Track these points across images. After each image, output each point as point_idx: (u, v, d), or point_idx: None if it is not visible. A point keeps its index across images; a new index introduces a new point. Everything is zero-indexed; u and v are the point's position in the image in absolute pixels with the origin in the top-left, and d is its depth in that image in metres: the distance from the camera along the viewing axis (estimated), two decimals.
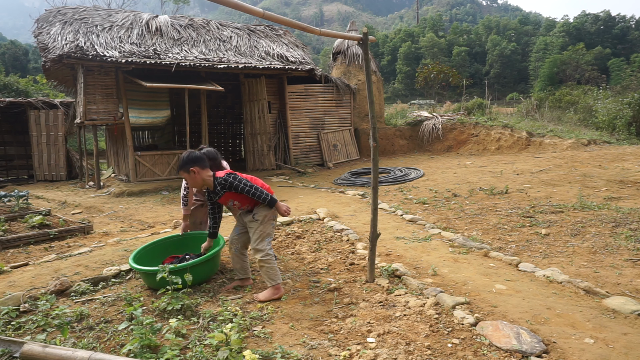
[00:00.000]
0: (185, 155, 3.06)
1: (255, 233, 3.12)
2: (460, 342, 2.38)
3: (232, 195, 3.11)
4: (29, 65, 40.70)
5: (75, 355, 2.14)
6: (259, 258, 3.08)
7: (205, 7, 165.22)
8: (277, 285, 3.09)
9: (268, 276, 3.08)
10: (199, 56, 10.29)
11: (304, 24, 2.92)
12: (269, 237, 3.15)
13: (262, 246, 3.09)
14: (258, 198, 3.06)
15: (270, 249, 3.13)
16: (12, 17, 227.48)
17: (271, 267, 3.07)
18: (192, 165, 3.02)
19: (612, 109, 13.28)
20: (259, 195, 3.06)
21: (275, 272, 3.09)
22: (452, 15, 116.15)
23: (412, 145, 14.04)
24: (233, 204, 3.18)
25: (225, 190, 3.09)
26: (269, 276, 3.08)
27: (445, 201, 6.43)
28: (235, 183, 3.04)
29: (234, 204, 3.18)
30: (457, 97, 31.87)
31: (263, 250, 3.08)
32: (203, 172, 3.05)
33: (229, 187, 3.06)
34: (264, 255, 3.07)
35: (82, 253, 4.40)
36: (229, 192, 3.09)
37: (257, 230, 3.12)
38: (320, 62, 53.25)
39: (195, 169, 3.03)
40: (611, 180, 6.71)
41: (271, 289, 3.08)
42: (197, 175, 3.04)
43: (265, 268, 3.07)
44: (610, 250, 3.91)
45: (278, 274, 3.11)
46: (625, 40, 52.72)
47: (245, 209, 3.22)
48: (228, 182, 3.05)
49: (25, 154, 13.52)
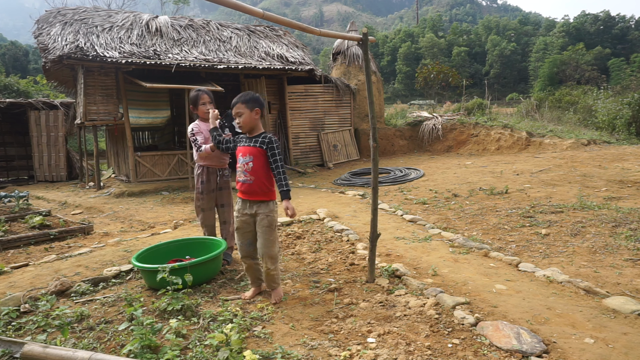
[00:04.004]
0: (252, 94, 2.94)
1: (269, 239, 2.94)
2: (460, 342, 2.39)
3: (259, 153, 2.87)
4: (29, 66, 40.75)
5: (76, 356, 2.14)
6: (271, 267, 2.95)
7: (205, 7, 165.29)
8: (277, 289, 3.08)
9: (274, 280, 3.02)
10: (199, 57, 10.30)
11: (304, 25, 2.92)
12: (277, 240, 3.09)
13: (275, 252, 2.97)
14: (280, 178, 2.85)
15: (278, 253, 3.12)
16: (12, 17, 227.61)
17: (279, 272, 3.07)
18: (259, 106, 2.92)
19: (612, 109, 13.28)
20: (283, 177, 2.86)
21: (279, 274, 3.10)
22: (452, 16, 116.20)
23: (412, 145, 14.04)
24: (247, 162, 2.88)
25: (262, 146, 2.87)
26: (274, 280, 3.03)
27: (445, 201, 6.43)
28: (276, 148, 2.88)
29: (248, 164, 2.88)
30: (457, 97, 31.85)
31: (275, 258, 2.97)
32: (261, 119, 2.98)
33: (268, 143, 2.86)
34: (276, 261, 2.99)
35: (83, 253, 4.40)
36: (262, 149, 2.87)
37: (271, 236, 2.95)
38: (320, 63, 53.28)
39: (259, 110, 2.93)
40: (611, 180, 6.72)
41: (278, 290, 3.06)
42: (257, 116, 2.92)
43: (275, 276, 3.01)
44: (610, 250, 3.91)
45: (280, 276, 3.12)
46: (625, 40, 52.75)
47: (246, 179, 2.90)
48: (273, 141, 2.87)
49: (26, 154, 13.53)
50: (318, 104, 12.52)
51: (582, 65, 41.63)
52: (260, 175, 2.89)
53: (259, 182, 2.89)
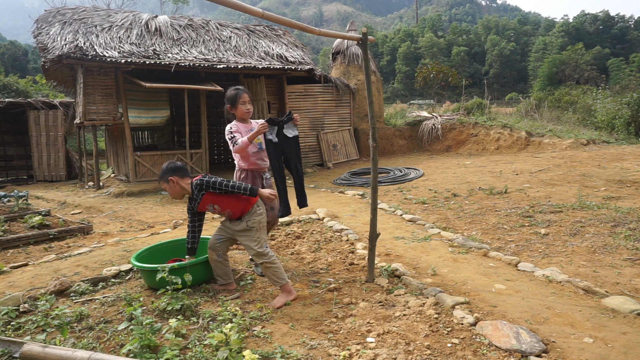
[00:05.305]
0: (164, 166, 3.05)
1: (253, 241, 3.05)
2: (459, 341, 2.39)
3: (211, 197, 3.03)
4: (29, 66, 40.71)
5: (75, 356, 2.14)
6: (263, 262, 3.02)
7: (204, 7, 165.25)
8: (286, 286, 3.05)
9: (276, 277, 3.03)
10: (199, 56, 10.29)
11: (303, 24, 2.92)
12: (265, 240, 3.12)
13: (264, 250, 3.04)
14: (238, 189, 2.97)
15: (270, 250, 3.12)
16: (12, 17, 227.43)
17: (277, 267, 3.04)
18: (171, 175, 3.00)
19: (611, 109, 13.30)
20: (238, 186, 2.98)
21: (282, 270, 3.07)
22: (452, 15, 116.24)
23: (411, 145, 14.04)
24: (214, 208, 3.08)
25: (203, 192, 3.01)
26: (277, 277, 3.03)
27: (445, 201, 6.44)
28: (211, 180, 2.99)
29: (215, 208, 3.08)
30: (457, 97, 31.88)
31: (266, 254, 3.03)
32: (182, 181, 3.03)
33: (205, 186, 2.99)
34: (268, 258, 3.02)
35: (82, 253, 4.39)
36: (206, 193, 3.02)
37: (254, 237, 3.06)
38: (319, 62, 53.30)
39: (174, 178, 3.00)
40: (610, 180, 6.72)
41: (284, 294, 3.03)
42: (176, 184, 3.01)
43: (272, 270, 3.02)
44: (609, 250, 3.91)
45: (284, 272, 3.09)
46: (624, 40, 52.80)
47: (227, 214, 3.12)
48: (204, 182, 3.00)
49: (25, 154, 13.51)
50: (317, 104, 12.52)
51: (582, 65, 41.68)
52: (230, 203, 3.08)
53: (235, 207, 3.09)
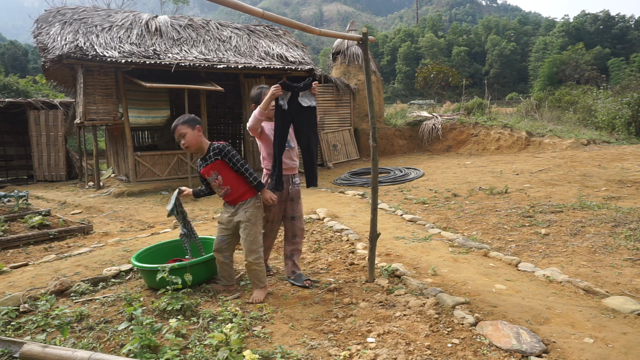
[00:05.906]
0: (188, 115, 3.02)
1: (250, 235, 3.03)
2: (460, 342, 2.39)
3: (221, 165, 2.96)
4: (29, 66, 40.71)
5: (75, 356, 2.13)
6: (252, 260, 3.00)
7: (204, 7, 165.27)
8: (265, 287, 3.08)
9: (258, 279, 3.05)
10: (199, 56, 10.29)
11: (304, 24, 2.92)
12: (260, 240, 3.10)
13: (257, 247, 3.03)
14: (248, 175, 2.96)
15: (262, 252, 3.10)
16: (12, 17, 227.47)
17: (262, 269, 3.06)
18: (199, 124, 3.00)
19: (612, 109, 13.30)
20: (250, 172, 2.97)
21: (265, 274, 3.09)
22: (452, 15, 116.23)
23: (411, 145, 14.04)
24: (216, 178, 2.99)
25: (217, 157, 2.95)
26: (258, 279, 3.05)
27: (445, 201, 6.43)
28: (232, 152, 2.96)
29: (217, 178, 2.99)
30: (457, 97, 31.87)
31: (257, 252, 3.03)
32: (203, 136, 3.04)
33: (224, 153, 2.94)
34: (257, 257, 3.02)
35: (82, 253, 4.39)
36: (220, 160, 2.96)
37: (252, 232, 3.03)
38: (319, 62, 53.28)
39: (200, 128, 3.00)
40: (610, 180, 6.72)
41: (262, 290, 3.05)
42: (200, 135, 2.99)
43: (257, 271, 3.03)
44: (609, 250, 3.91)
45: (265, 275, 3.12)
46: (625, 40, 52.78)
47: (225, 191, 3.03)
48: (225, 149, 2.96)
49: (25, 154, 13.52)
50: (318, 104, 12.50)
51: (582, 65, 41.66)
52: (234, 181, 3.02)
53: (235, 187, 3.04)
